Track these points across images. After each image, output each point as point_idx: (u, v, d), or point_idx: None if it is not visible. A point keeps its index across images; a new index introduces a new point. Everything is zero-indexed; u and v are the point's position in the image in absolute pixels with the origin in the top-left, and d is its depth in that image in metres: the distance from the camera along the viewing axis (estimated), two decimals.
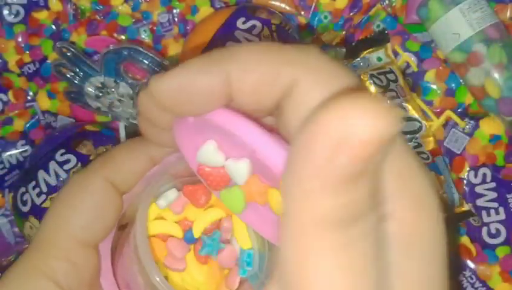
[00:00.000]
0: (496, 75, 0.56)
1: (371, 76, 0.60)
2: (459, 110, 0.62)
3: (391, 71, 0.60)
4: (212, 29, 0.58)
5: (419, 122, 0.59)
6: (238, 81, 0.18)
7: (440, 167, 0.58)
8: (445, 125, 0.61)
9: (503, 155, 0.59)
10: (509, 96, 0.56)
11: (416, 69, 0.62)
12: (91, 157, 0.58)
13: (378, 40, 0.62)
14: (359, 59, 0.61)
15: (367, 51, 0.61)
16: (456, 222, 0.57)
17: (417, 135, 0.58)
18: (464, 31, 0.57)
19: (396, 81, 0.60)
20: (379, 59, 0.61)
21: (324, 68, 0.18)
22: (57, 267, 0.23)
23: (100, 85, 0.55)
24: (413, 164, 0.17)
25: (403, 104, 0.59)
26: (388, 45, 0.62)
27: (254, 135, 0.18)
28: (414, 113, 0.59)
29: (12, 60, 0.68)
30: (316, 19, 0.64)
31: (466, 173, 0.59)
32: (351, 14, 0.64)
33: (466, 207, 0.58)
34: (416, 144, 0.58)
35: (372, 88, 0.60)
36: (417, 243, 0.16)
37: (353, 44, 0.62)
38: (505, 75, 0.56)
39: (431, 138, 0.59)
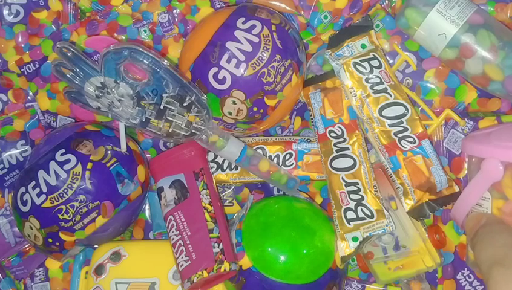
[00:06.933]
0: (493, 58, 0.56)
1: (355, 64, 0.60)
2: (458, 109, 0.62)
3: (375, 57, 0.60)
4: (212, 29, 0.58)
5: (405, 106, 0.59)
6: None
7: (427, 150, 0.58)
8: (444, 125, 0.61)
9: None
10: None
11: (415, 69, 0.62)
12: (91, 157, 0.58)
13: (362, 27, 0.61)
14: (343, 48, 0.61)
15: (351, 39, 0.61)
16: (443, 204, 0.57)
17: (403, 120, 0.58)
18: (448, 30, 0.57)
19: (380, 67, 0.60)
20: (363, 46, 0.61)
21: None
22: None
23: (100, 85, 0.55)
24: None
25: (388, 90, 0.59)
26: (372, 32, 0.61)
27: None
28: (399, 98, 0.59)
29: (12, 60, 0.68)
30: (316, 19, 0.65)
31: (465, 174, 0.59)
32: (351, 14, 0.65)
33: (456, 188, 0.58)
34: (402, 128, 0.58)
35: (357, 75, 0.59)
36: None
37: (336, 33, 0.62)
38: (501, 55, 0.56)
39: (418, 121, 0.58)
